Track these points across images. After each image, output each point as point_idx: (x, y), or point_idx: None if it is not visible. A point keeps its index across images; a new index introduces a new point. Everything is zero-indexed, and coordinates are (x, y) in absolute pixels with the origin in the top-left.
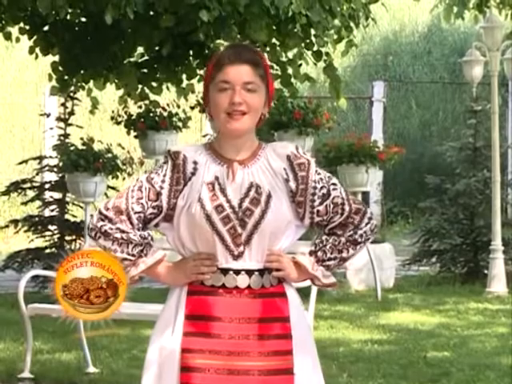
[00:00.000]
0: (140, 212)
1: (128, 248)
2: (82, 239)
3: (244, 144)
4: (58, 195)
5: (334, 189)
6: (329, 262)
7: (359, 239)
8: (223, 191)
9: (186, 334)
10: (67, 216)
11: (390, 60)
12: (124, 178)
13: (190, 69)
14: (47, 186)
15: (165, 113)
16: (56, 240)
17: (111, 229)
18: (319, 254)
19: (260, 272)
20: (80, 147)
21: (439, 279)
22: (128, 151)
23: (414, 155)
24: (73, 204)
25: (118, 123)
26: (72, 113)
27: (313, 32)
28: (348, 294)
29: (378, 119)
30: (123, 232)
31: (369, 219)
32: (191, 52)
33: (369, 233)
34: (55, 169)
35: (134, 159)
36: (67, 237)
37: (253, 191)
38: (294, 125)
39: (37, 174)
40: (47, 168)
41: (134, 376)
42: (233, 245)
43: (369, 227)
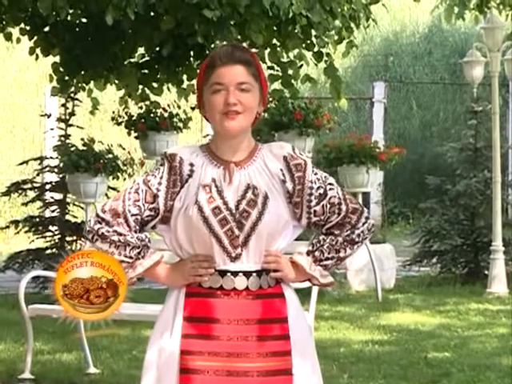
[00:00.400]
0: (137, 214)
1: (125, 250)
2: (83, 240)
3: (240, 144)
4: (59, 196)
5: (331, 189)
6: (326, 262)
7: (356, 239)
8: (220, 193)
9: (185, 336)
10: (68, 217)
11: (391, 61)
12: (125, 179)
13: (191, 69)
14: (48, 187)
15: (165, 113)
16: (57, 241)
17: (108, 231)
18: (316, 254)
19: (258, 273)
20: (81, 148)
21: (440, 280)
22: (129, 152)
23: (415, 156)
24: (73, 205)
25: (119, 124)
26: (73, 113)
27: (313, 33)
28: (349, 295)
29: (379, 120)
30: (120, 235)
31: (366, 219)
32: (192, 53)
33: (366, 232)
34: (56, 169)
35: (135, 160)
36: (68, 237)
37: (250, 193)
38: (295, 125)
39: (37, 175)
40: (48, 169)
41: (135, 377)
42: (230, 247)
43: (366, 227)
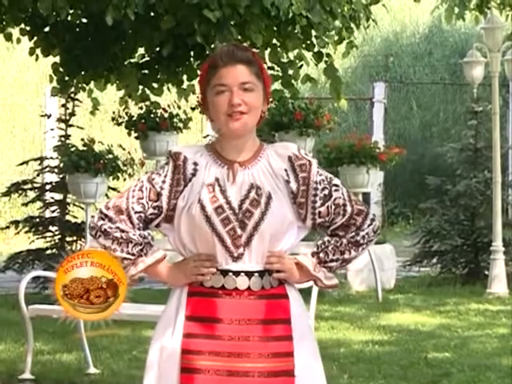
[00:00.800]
0: (140, 212)
1: (128, 247)
2: (83, 240)
3: (245, 144)
4: (59, 196)
5: (336, 190)
6: (331, 264)
7: (361, 241)
8: (223, 193)
9: (186, 335)
10: (68, 217)
11: (391, 61)
12: (125, 179)
13: (191, 70)
14: (48, 187)
15: (165, 114)
16: (57, 241)
17: (111, 228)
18: (321, 256)
19: (260, 273)
20: (81, 148)
21: (440, 280)
22: (129, 152)
23: (415, 156)
24: (73, 205)
25: (119, 124)
26: (73, 114)
27: (313, 33)
28: (349, 295)
29: (379, 120)
30: (123, 231)
31: (371, 221)
32: (192, 53)
33: (371, 234)
34: (56, 170)
35: (135, 160)
36: (68, 238)
37: (253, 193)
38: (295, 126)
39: (37, 175)
40: (48, 169)
41: (135, 377)
42: (232, 246)
43: (371, 228)
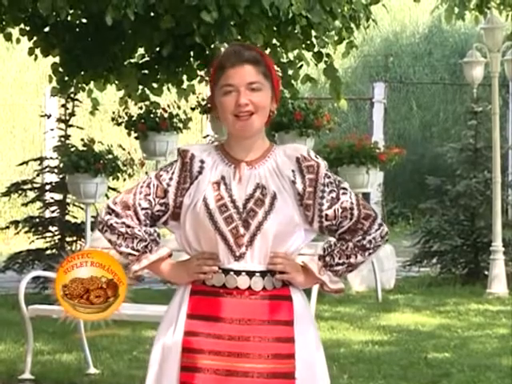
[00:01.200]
0: (147, 208)
1: (133, 243)
2: (83, 240)
3: (253, 144)
4: (59, 196)
5: (344, 193)
6: (337, 268)
7: (368, 245)
8: (228, 191)
9: (187, 334)
10: (68, 217)
11: (391, 61)
12: (125, 179)
13: (191, 70)
14: (48, 187)
15: (165, 114)
16: (56, 241)
17: (117, 223)
18: (327, 259)
19: (262, 274)
20: (81, 148)
21: (440, 280)
22: (128, 152)
23: (415, 156)
24: (73, 205)
25: (119, 124)
26: (72, 114)
27: (313, 33)
28: (349, 295)
29: (379, 120)
30: (128, 227)
31: (379, 225)
32: (192, 53)
33: (378, 239)
34: (56, 170)
35: (135, 160)
36: (68, 238)
37: (258, 192)
38: (295, 126)
39: (37, 175)
40: (48, 169)
41: (135, 377)
42: (235, 245)
43: (378, 233)
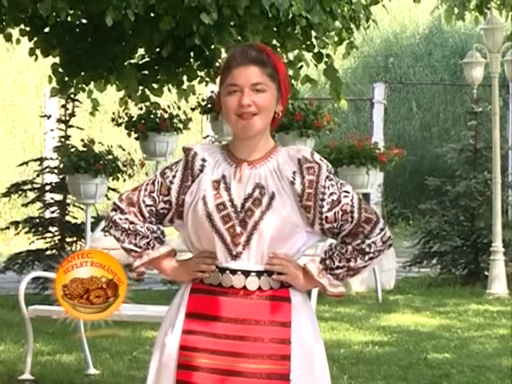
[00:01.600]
0: (151, 205)
1: (136, 239)
2: (83, 241)
3: (257, 144)
4: (59, 197)
5: (346, 196)
6: (337, 271)
7: (367, 249)
8: (228, 190)
9: (185, 332)
10: (68, 218)
11: (391, 61)
12: (125, 180)
13: (191, 70)
14: (48, 188)
15: (165, 114)
16: (57, 242)
17: (120, 219)
18: (327, 262)
19: (258, 274)
20: (81, 149)
21: (440, 281)
22: (129, 153)
23: (415, 157)
24: (73, 206)
25: (119, 125)
26: (72, 114)
27: (313, 34)
28: (348, 296)
29: (379, 121)
30: (131, 223)
31: (381, 230)
32: (192, 53)
33: (379, 243)
34: (56, 170)
35: (135, 161)
36: (68, 238)
37: (257, 192)
38: (295, 126)
39: (37, 176)
40: (48, 169)
41: (135, 378)
42: (232, 244)
43: (379, 237)
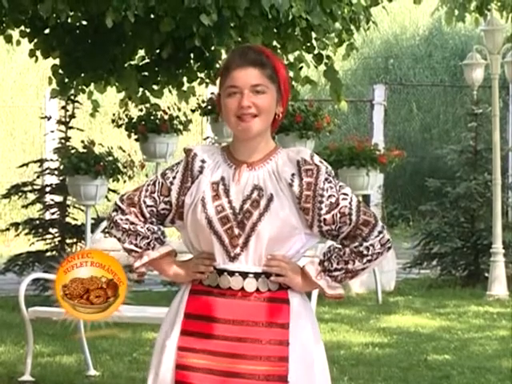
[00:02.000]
0: (152, 206)
1: (136, 240)
2: (83, 242)
3: (257, 146)
4: (59, 198)
5: (344, 198)
6: (335, 273)
7: (365, 251)
8: (226, 192)
9: (183, 333)
10: (68, 219)
11: (391, 63)
12: (125, 181)
13: (191, 72)
14: (48, 189)
15: (166, 116)
16: (57, 243)
17: (121, 219)
18: (325, 264)
19: (255, 275)
20: (81, 150)
21: (440, 282)
22: (129, 154)
23: (415, 158)
24: (74, 207)
25: (119, 126)
26: (73, 116)
27: (313, 35)
28: (349, 297)
29: (379, 122)
30: (132, 223)
31: (379, 233)
32: (192, 55)
33: (377, 246)
34: (56, 172)
35: (135, 162)
36: (68, 240)
37: (255, 194)
38: (295, 128)
39: (38, 177)
40: (48, 171)
41: (135, 379)
42: (230, 246)
43: (378, 240)
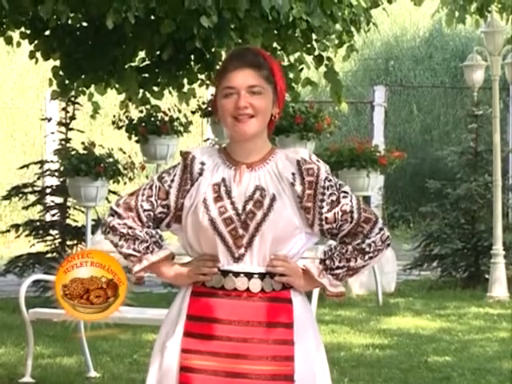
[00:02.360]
0: (149, 210)
1: (134, 244)
2: (84, 244)
3: (254, 147)
4: (59, 200)
5: (345, 196)
6: (337, 271)
7: (367, 248)
8: (228, 193)
9: (186, 335)
10: (68, 220)
11: (391, 64)
12: (125, 183)
13: (191, 73)
14: (48, 191)
15: (166, 117)
16: (57, 244)
17: (119, 224)
18: (327, 262)
19: (260, 275)
20: (81, 152)
21: (440, 284)
22: (129, 156)
23: (415, 160)
24: (74, 208)
25: (119, 128)
26: (73, 117)
27: (314, 37)
28: (349, 299)
29: (379, 123)
30: (130, 228)
31: (380, 230)
32: (192, 56)
33: (379, 243)
34: (56, 173)
35: (136, 164)
36: (68, 241)
37: (257, 194)
38: (296, 129)
39: (38, 179)
40: (48, 172)
41: (135, 380)
42: (234, 247)
43: (379, 237)
